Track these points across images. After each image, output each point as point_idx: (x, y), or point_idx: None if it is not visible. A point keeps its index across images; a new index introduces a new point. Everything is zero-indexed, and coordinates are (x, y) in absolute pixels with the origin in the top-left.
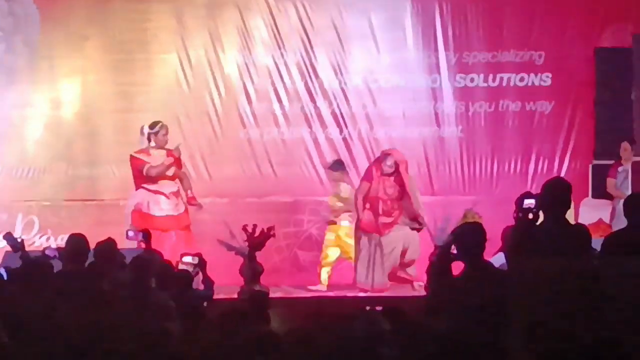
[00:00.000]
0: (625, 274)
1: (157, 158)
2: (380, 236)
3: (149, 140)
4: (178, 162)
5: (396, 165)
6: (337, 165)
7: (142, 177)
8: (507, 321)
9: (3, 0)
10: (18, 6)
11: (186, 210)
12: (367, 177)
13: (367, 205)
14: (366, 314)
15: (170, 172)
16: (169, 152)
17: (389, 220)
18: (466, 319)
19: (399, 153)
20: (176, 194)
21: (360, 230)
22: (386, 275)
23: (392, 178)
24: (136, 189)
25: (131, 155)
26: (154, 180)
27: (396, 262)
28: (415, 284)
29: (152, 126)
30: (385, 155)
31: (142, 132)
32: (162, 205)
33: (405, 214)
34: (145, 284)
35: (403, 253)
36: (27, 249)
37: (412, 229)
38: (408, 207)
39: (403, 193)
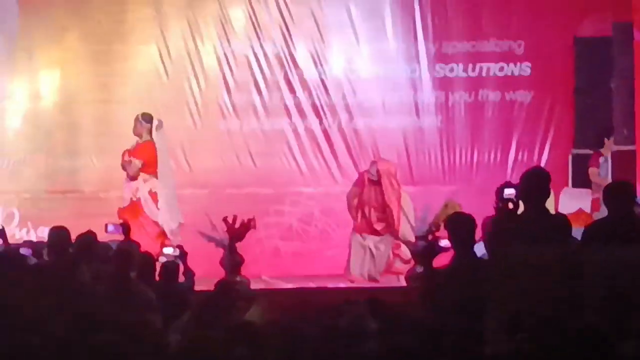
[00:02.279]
0: (606, 261)
1: None
2: (373, 235)
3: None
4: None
5: (379, 174)
6: None
7: None
8: (488, 310)
9: None
10: None
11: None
12: (357, 182)
13: (361, 210)
14: (350, 306)
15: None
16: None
17: (381, 226)
18: (450, 308)
19: (385, 163)
20: None
21: (354, 231)
22: (380, 268)
23: (379, 187)
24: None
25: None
26: None
27: (389, 256)
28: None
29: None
30: (371, 162)
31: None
32: None
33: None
34: (126, 275)
35: (396, 246)
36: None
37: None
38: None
39: (385, 204)
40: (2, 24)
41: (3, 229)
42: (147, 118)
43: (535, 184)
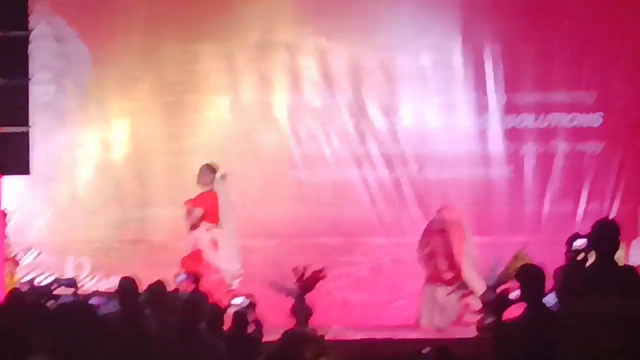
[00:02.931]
0: None
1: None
2: (443, 285)
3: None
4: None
5: (444, 222)
6: None
7: None
8: None
9: (54, 41)
10: (69, 48)
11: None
12: (426, 231)
13: (431, 260)
14: (419, 357)
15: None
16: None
17: (450, 275)
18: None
19: (451, 211)
20: None
21: (426, 282)
22: (450, 319)
23: (446, 236)
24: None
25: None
26: None
27: (459, 308)
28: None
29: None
30: (437, 211)
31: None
32: None
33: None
34: (195, 325)
35: (465, 296)
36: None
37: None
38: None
39: (452, 253)
40: (74, 73)
41: (74, 279)
42: (212, 169)
43: (605, 235)
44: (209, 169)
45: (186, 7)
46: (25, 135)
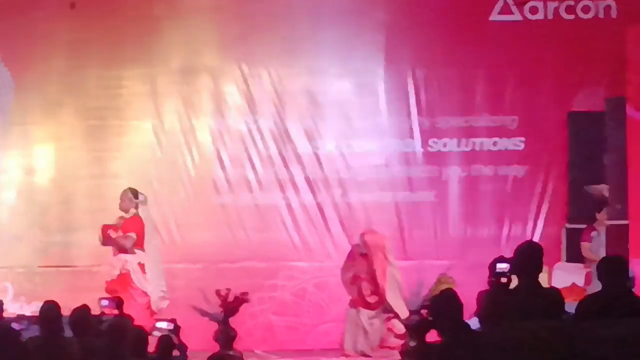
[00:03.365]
0: (599, 336)
1: None
2: (366, 309)
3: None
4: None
5: (367, 246)
6: None
7: None
8: None
9: None
10: None
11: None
12: (349, 255)
13: (355, 284)
14: None
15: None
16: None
17: (374, 299)
18: None
19: (373, 235)
20: None
21: (349, 306)
22: (374, 343)
23: (369, 260)
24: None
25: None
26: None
27: (383, 332)
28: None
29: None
30: (360, 235)
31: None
32: None
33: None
34: (118, 350)
35: (389, 320)
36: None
37: (388, 317)
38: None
39: (375, 276)
40: None
41: (1, 302)
42: (135, 193)
43: (529, 258)
44: (134, 194)
45: (109, 32)
46: None
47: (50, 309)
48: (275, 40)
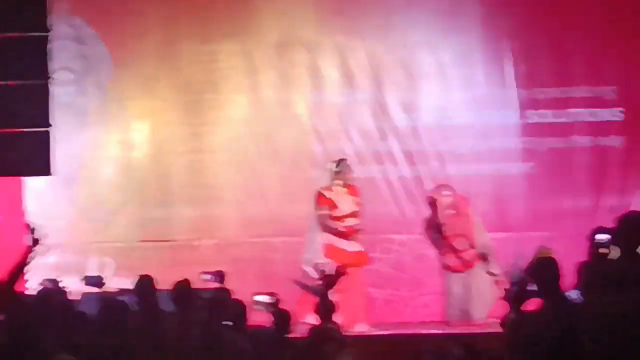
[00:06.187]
0: None
1: (340, 195)
2: (465, 272)
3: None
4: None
5: (452, 206)
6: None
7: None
8: (581, 356)
9: (74, 42)
10: (89, 49)
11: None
12: (432, 216)
13: (445, 241)
14: (435, 348)
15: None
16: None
17: (468, 256)
18: (545, 353)
19: (454, 195)
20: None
21: (444, 268)
22: (485, 309)
23: (456, 217)
24: (321, 227)
25: (318, 192)
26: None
27: (495, 293)
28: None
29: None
30: (439, 195)
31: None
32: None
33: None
34: (218, 323)
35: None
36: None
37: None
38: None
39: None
40: (95, 75)
41: (101, 277)
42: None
43: (631, 228)
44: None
45: (205, 7)
46: (46, 136)
47: (145, 283)
48: (371, 12)
